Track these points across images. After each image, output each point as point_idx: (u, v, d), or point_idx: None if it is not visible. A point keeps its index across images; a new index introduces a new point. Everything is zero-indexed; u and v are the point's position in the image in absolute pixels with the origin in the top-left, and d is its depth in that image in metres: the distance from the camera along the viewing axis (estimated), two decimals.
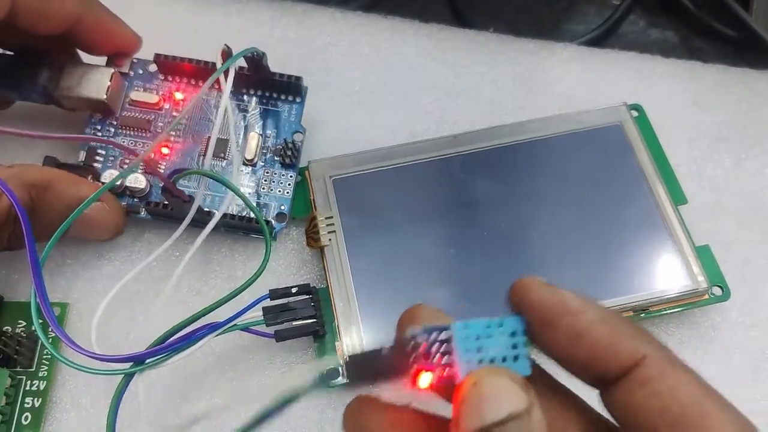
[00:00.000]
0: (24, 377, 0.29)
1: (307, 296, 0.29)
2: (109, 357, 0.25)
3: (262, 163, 0.33)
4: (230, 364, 0.31)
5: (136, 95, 0.33)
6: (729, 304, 0.32)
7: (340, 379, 0.29)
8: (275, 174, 0.33)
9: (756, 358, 0.31)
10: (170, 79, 0.34)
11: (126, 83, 0.33)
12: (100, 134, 0.33)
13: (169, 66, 0.33)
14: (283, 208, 0.32)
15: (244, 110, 0.34)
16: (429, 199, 0.32)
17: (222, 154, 0.33)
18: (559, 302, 0.17)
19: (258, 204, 0.32)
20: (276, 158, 0.33)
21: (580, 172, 0.33)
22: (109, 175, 0.32)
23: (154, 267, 0.32)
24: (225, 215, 0.30)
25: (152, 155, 0.32)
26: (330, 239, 0.31)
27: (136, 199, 0.32)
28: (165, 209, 0.31)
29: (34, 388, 0.29)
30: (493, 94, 0.37)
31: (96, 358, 0.25)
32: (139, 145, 0.33)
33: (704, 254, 0.31)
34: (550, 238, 0.31)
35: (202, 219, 0.29)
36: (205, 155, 0.32)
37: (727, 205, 0.34)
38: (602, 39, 0.42)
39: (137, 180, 0.31)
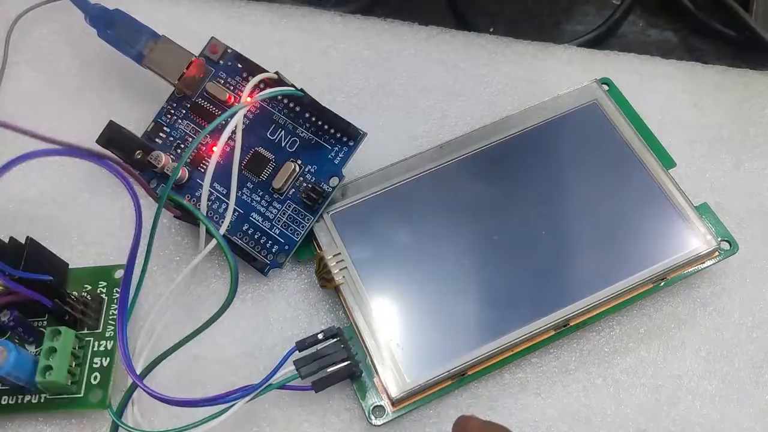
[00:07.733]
0: (92, 338, 0.30)
1: (335, 339, 0.28)
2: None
3: (289, 196, 0.32)
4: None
5: (211, 87, 0.33)
6: (730, 305, 0.32)
7: (387, 415, 0.28)
8: (295, 211, 0.31)
9: (758, 359, 0.31)
10: (250, 79, 0.32)
11: (212, 71, 0.34)
12: (174, 110, 0.34)
13: (250, 68, 0.33)
14: (287, 248, 0.31)
15: (293, 134, 0.33)
16: (431, 214, 0.32)
17: (258, 172, 0.32)
18: None
19: (267, 235, 0.31)
20: (302, 196, 0.31)
21: (570, 156, 0.33)
22: (155, 157, 0.31)
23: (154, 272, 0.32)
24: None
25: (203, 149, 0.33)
26: (343, 276, 0.30)
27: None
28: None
29: (101, 348, 0.30)
30: (493, 96, 0.37)
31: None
32: (195, 132, 0.33)
33: (705, 212, 0.32)
34: (557, 229, 0.31)
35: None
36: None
37: (727, 207, 0.34)
38: (602, 39, 0.42)
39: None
